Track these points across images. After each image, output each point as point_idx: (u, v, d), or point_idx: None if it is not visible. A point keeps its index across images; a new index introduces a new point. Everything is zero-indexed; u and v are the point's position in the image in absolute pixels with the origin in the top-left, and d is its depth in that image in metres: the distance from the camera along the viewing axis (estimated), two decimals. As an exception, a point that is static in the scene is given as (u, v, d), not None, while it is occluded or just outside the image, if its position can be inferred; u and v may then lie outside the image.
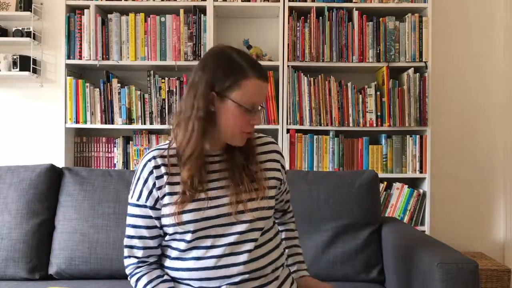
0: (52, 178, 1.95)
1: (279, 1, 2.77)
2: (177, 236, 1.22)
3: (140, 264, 1.25)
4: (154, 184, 1.22)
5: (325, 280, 1.81)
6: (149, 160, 1.23)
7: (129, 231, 1.25)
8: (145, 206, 1.23)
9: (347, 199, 1.90)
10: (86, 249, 1.84)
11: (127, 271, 1.27)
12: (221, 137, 1.23)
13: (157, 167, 1.22)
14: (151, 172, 1.22)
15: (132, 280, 1.25)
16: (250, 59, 1.22)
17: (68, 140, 2.84)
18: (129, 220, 1.26)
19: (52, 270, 1.86)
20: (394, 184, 2.81)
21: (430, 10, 2.78)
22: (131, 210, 1.26)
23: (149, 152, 1.26)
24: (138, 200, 1.24)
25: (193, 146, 1.18)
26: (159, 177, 1.22)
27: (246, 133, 1.23)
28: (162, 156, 1.24)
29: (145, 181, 1.23)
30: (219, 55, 1.21)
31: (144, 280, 1.22)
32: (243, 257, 1.20)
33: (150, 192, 1.22)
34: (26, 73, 2.90)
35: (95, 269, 1.84)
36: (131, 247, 1.25)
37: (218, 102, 1.19)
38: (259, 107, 1.23)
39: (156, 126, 2.82)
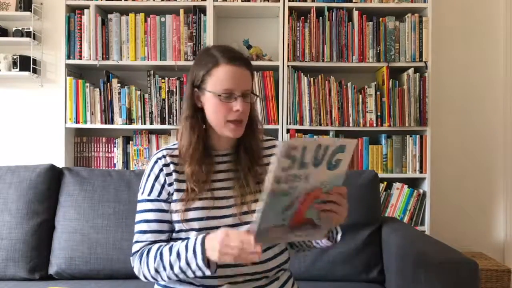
0: (52, 178, 1.95)
1: (279, 1, 2.76)
2: (182, 235, 1.23)
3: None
4: (165, 180, 1.25)
5: (325, 280, 1.83)
6: (159, 158, 1.27)
7: (141, 226, 1.24)
8: (157, 200, 1.24)
9: (347, 199, 1.89)
10: (86, 249, 1.84)
11: (135, 259, 1.22)
12: (216, 131, 1.25)
13: (166, 165, 1.26)
14: (161, 169, 1.25)
15: (142, 257, 1.19)
16: (226, 48, 1.26)
17: (68, 140, 2.84)
18: (140, 217, 1.25)
19: (52, 270, 1.86)
20: (394, 184, 2.81)
21: (430, 10, 2.78)
22: (142, 206, 1.26)
23: (159, 151, 1.30)
24: (149, 195, 1.25)
25: (187, 143, 1.24)
26: (168, 174, 1.25)
27: (233, 123, 1.22)
28: (170, 156, 1.27)
29: (157, 177, 1.25)
30: (200, 53, 1.30)
31: (154, 248, 1.18)
32: None
33: (163, 186, 1.24)
34: (26, 73, 2.90)
35: (95, 269, 1.84)
36: (143, 242, 1.22)
37: (201, 97, 1.24)
38: (239, 94, 1.21)
39: (156, 126, 2.81)
